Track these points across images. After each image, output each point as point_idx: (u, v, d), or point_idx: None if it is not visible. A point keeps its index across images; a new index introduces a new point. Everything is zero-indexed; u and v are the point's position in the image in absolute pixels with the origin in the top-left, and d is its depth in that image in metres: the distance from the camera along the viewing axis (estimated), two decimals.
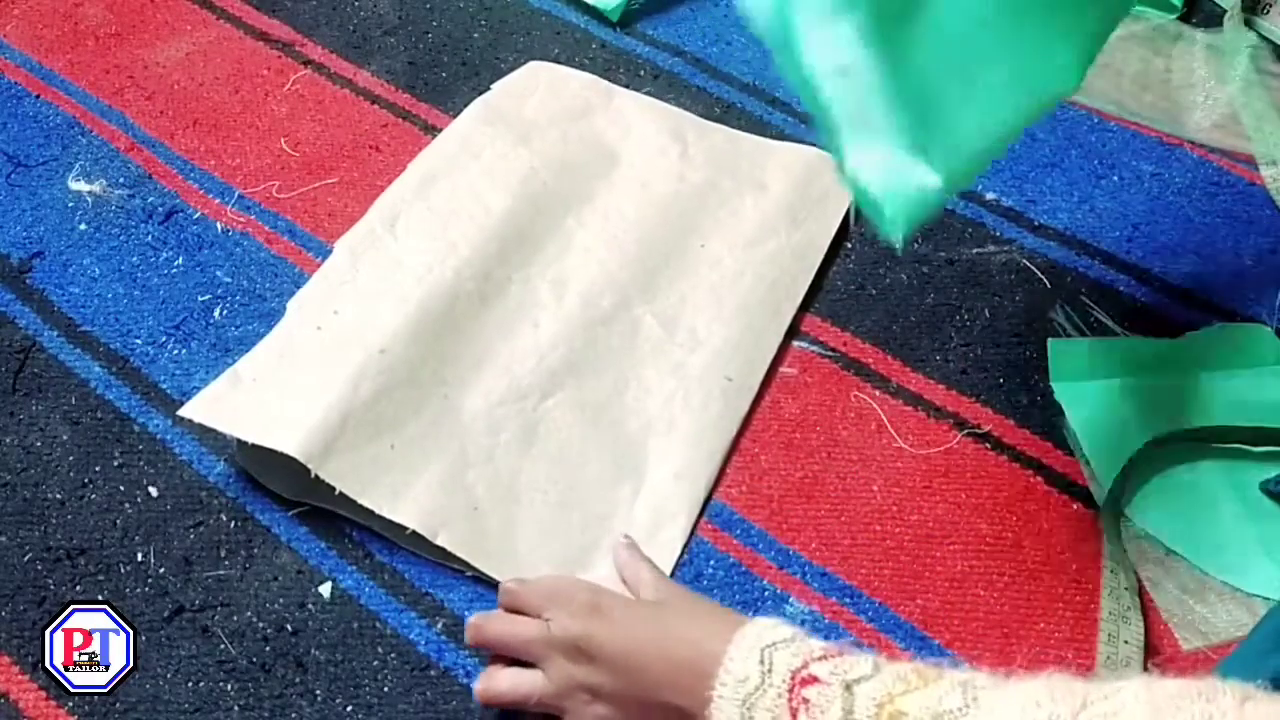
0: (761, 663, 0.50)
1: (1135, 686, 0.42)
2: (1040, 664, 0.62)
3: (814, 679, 0.49)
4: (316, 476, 0.65)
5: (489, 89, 0.90)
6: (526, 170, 0.83)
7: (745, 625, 0.53)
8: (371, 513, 0.66)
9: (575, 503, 0.68)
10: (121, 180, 0.87)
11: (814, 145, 0.90)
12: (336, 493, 0.66)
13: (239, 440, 0.68)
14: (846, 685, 0.48)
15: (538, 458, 0.70)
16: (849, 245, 0.83)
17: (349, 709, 0.61)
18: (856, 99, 0.51)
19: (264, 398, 0.69)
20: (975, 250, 0.83)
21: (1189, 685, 0.41)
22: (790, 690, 0.49)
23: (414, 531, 0.66)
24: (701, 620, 0.55)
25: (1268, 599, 0.64)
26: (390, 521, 0.66)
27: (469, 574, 0.65)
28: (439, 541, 0.65)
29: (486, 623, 0.61)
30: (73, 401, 0.74)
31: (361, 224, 0.80)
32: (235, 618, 0.64)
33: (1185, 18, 1.02)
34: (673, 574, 0.66)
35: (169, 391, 0.74)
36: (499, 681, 0.59)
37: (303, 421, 0.67)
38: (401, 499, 0.67)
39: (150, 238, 0.83)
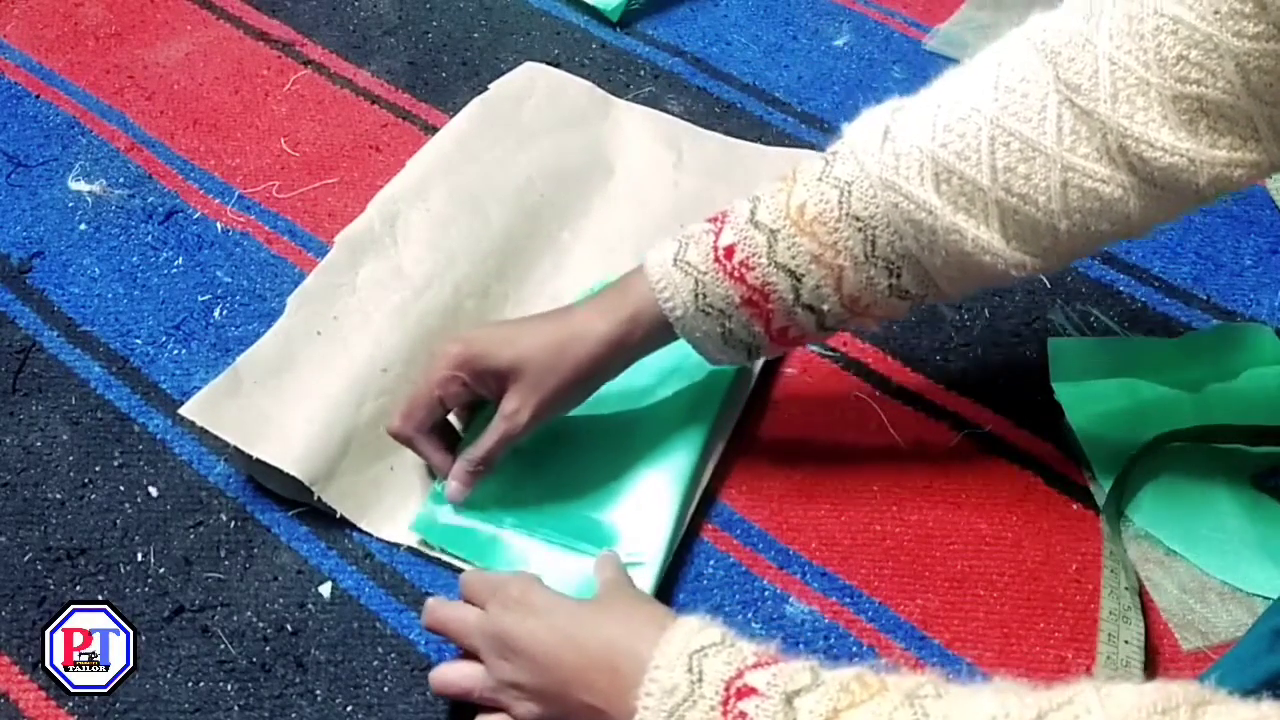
0: (690, 671, 0.48)
1: (1088, 697, 0.42)
2: (1040, 664, 0.63)
3: (751, 690, 0.47)
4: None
5: (488, 89, 0.90)
6: (524, 180, 0.83)
7: (670, 628, 0.51)
8: None
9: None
10: (121, 180, 0.87)
11: (811, 147, 0.90)
12: (338, 514, 0.67)
13: (236, 446, 0.68)
14: (787, 698, 0.46)
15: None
16: None
17: (349, 709, 0.61)
18: None
19: (266, 407, 0.69)
20: None
21: (1143, 695, 0.41)
22: (725, 702, 0.47)
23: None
24: (627, 620, 0.54)
25: (1268, 599, 0.64)
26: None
27: (486, 567, 0.65)
28: (435, 550, 0.66)
29: (439, 607, 0.60)
30: (73, 401, 0.74)
31: (361, 220, 0.80)
32: (235, 618, 0.64)
33: None
34: (672, 575, 0.66)
35: (169, 391, 0.74)
36: (448, 672, 0.59)
37: (306, 440, 0.67)
38: (399, 519, 0.68)
39: (150, 238, 0.83)
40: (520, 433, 0.64)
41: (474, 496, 0.67)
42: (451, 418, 0.69)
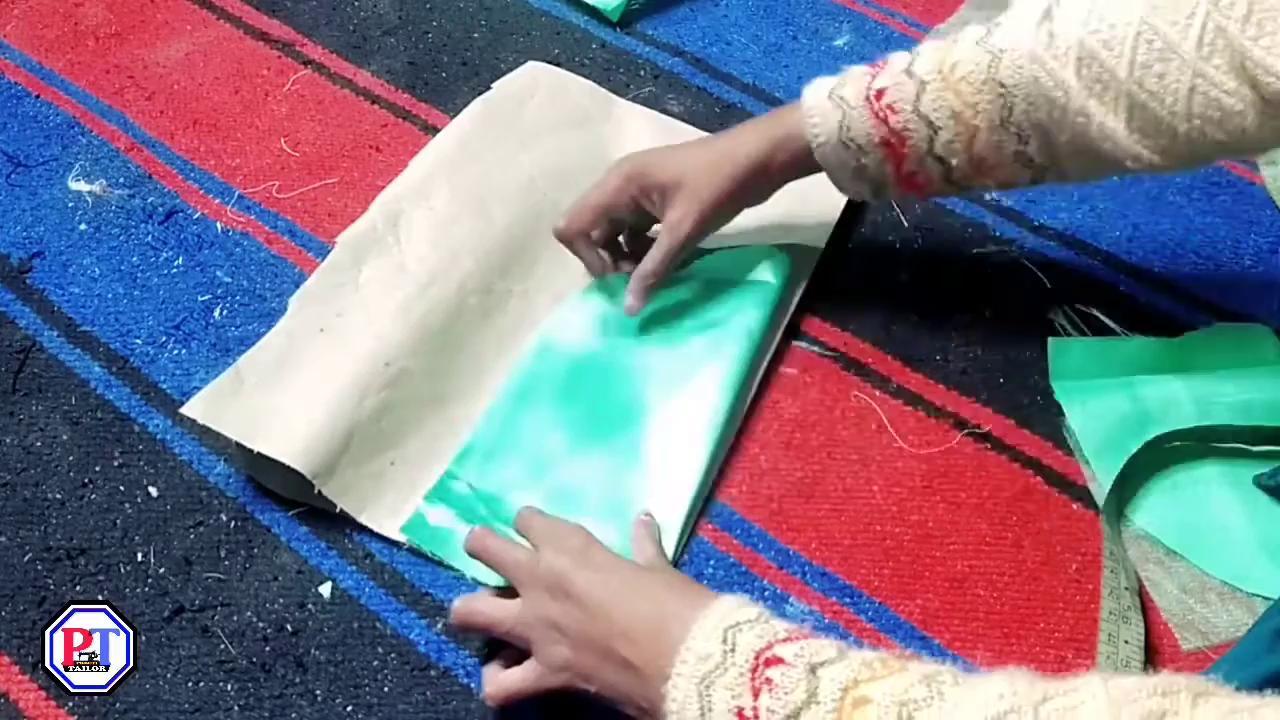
0: (724, 642, 0.50)
1: (1094, 683, 0.43)
2: (1040, 664, 0.63)
3: (778, 660, 0.49)
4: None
5: (489, 89, 0.90)
6: (526, 179, 0.83)
7: (711, 603, 0.53)
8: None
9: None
10: (121, 180, 0.87)
11: None
12: (338, 509, 0.67)
13: (238, 441, 0.68)
14: (811, 668, 0.48)
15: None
16: (849, 245, 0.83)
17: (349, 709, 0.61)
18: None
19: (267, 403, 0.69)
20: (975, 250, 0.83)
21: (1146, 681, 0.42)
22: (753, 670, 0.49)
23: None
24: (677, 589, 0.56)
25: (1268, 599, 0.64)
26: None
27: (469, 576, 0.65)
28: (427, 553, 0.66)
29: (487, 537, 0.62)
30: (73, 401, 0.74)
31: (363, 220, 0.80)
32: (235, 618, 0.64)
33: None
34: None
35: (169, 391, 0.74)
36: (479, 602, 0.61)
37: (308, 434, 0.67)
38: (400, 514, 0.68)
39: (150, 238, 0.83)
40: (684, 241, 0.72)
41: (468, 501, 0.68)
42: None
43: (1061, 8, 0.62)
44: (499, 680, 0.59)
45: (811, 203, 0.84)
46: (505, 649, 0.60)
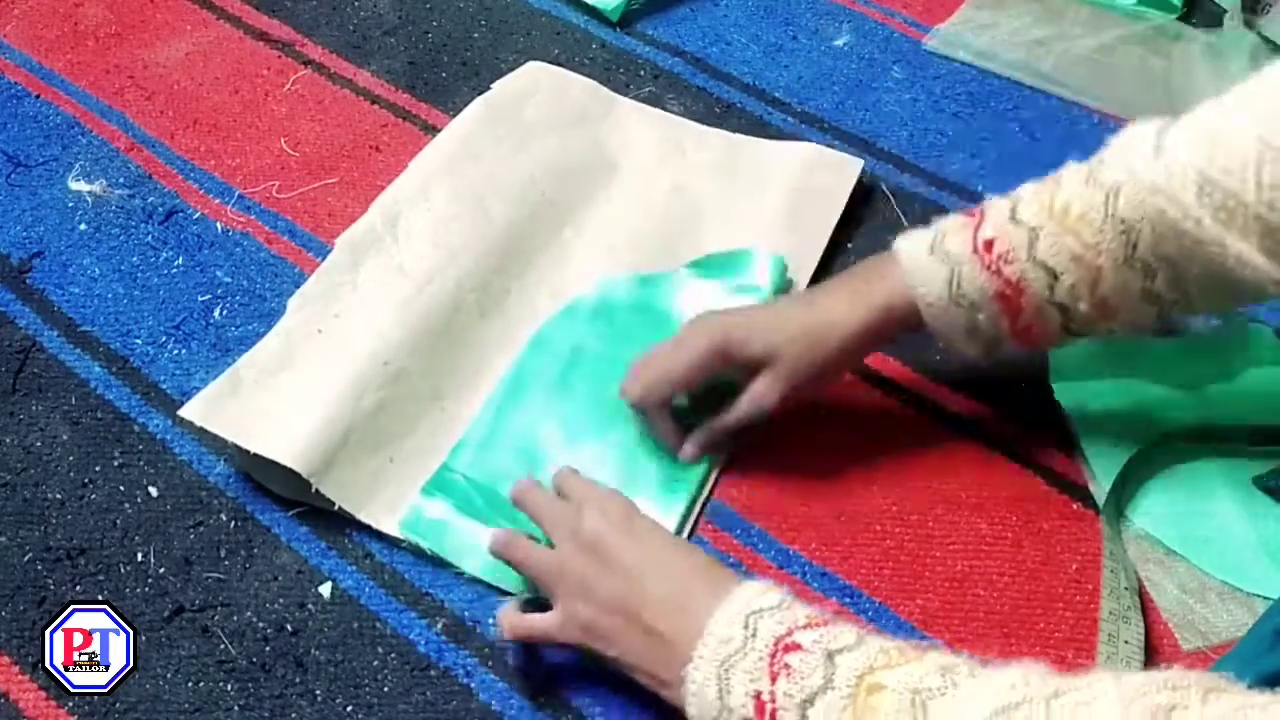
0: (745, 627, 0.52)
1: (1105, 680, 0.44)
2: None
3: (797, 646, 0.50)
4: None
5: (489, 89, 0.90)
6: (527, 178, 0.83)
7: (735, 589, 0.54)
8: None
9: None
10: (121, 180, 0.87)
11: (811, 142, 0.90)
12: (336, 506, 0.67)
13: (237, 443, 0.68)
14: (829, 654, 0.49)
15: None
16: (849, 245, 0.83)
17: (349, 709, 0.61)
18: None
19: (266, 404, 0.69)
20: None
21: (1156, 675, 0.43)
22: (772, 655, 0.50)
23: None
24: (710, 570, 0.57)
25: (1268, 599, 0.64)
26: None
27: (468, 575, 0.65)
28: (426, 548, 0.66)
29: (534, 490, 0.64)
30: (73, 401, 0.74)
31: (362, 221, 0.80)
32: (235, 618, 0.64)
33: (1185, 18, 1.02)
34: None
35: (169, 391, 0.74)
36: (518, 546, 0.62)
37: (305, 433, 0.67)
38: (398, 511, 0.68)
39: (150, 238, 0.83)
40: (764, 414, 0.67)
41: (464, 492, 0.68)
42: None
43: (1171, 137, 0.60)
44: (520, 619, 0.60)
45: (811, 204, 0.84)
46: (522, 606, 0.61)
